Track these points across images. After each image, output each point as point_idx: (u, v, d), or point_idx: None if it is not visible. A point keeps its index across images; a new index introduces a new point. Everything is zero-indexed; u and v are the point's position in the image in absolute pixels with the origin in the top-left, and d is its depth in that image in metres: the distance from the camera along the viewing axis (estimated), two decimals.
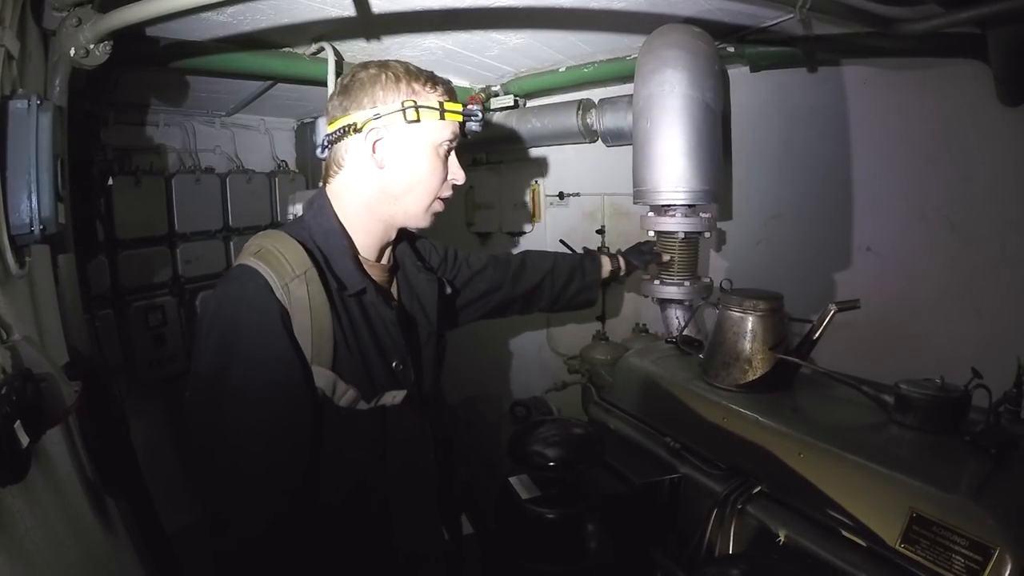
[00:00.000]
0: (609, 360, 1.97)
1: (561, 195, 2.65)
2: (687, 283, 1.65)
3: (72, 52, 1.27)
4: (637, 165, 1.63)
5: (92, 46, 1.29)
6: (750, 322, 1.27)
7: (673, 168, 1.55)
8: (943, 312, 1.70)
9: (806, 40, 1.74)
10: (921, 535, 0.95)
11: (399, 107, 0.99)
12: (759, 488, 1.13)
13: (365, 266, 1.05)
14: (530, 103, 2.54)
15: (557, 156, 2.67)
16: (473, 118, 1.05)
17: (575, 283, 1.56)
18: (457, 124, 1.04)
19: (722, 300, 1.34)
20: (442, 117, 1.01)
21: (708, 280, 1.66)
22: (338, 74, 1.82)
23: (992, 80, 1.49)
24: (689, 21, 1.66)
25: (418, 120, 0.99)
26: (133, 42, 1.55)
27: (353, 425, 0.97)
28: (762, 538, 1.08)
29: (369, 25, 1.71)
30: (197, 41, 1.69)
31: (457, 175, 1.08)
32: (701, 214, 1.60)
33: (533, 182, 2.74)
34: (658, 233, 1.63)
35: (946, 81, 1.63)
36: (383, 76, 1.00)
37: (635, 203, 1.68)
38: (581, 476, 1.21)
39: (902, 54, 1.65)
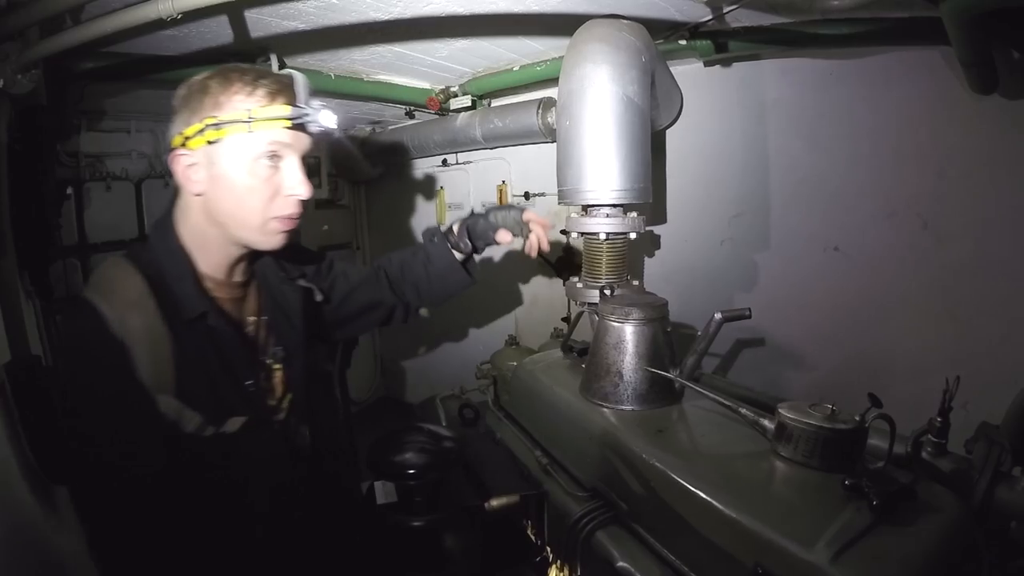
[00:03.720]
0: (513, 367, 1.89)
1: (527, 195, 2.56)
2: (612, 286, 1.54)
3: (1, 83, 1.32)
4: (560, 164, 1.55)
5: (19, 76, 1.33)
6: (624, 332, 1.18)
7: (593, 167, 1.46)
8: (915, 314, 1.61)
9: (755, 31, 1.63)
10: None
11: (201, 127, 0.91)
12: (611, 514, 1.05)
13: (213, 284, 1.02)
14: (494, 103, 2.47)
15: (524, 155, 2.60)
16: (303, 118, 0.93)
17: (432, 274, 1.43)
18: (283, 130, 0.93)
19: (600, 307, 1.25)
20: (250, 128, 0.91)
21: (636, 284, 1.55)
22: None
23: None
24: (629, 18, 1.56)
25: (221, 138, 0.91)
26: (83, 59, 1.62)
27: (201, 449, 0.95)
28: (606, 569, 0.99)
29: (310, 40, 1.71)
30: (152, 56, 1.73)
31: (294, 189, 0.96)
32: (628, 214, 1.49)
33: (501, 182, 2.67)
34: (581, 235, 1.54)
35: (913, 70, 1.52)
36: (191, 92, 0.93)
37: (559, 204, 1.59)
38: (442, 486, 1.17)
39: (860, 42, 1.52)
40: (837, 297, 1.72)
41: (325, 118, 0.95)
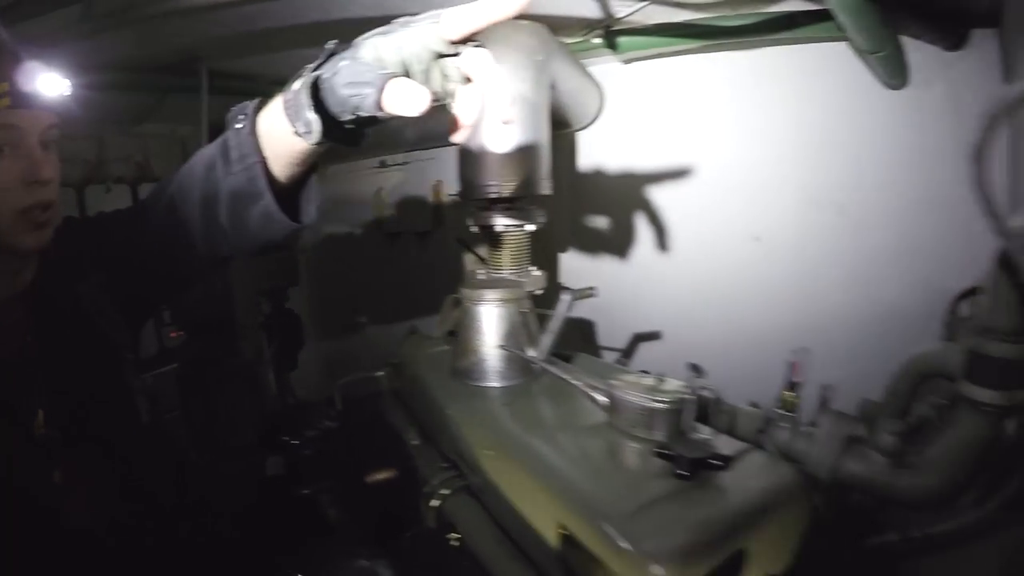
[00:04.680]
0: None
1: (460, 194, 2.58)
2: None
3: None
4: (460, 160, 1.58)
5: None
6: (479, 313, 1.23)
7: (487, 161, 1.48)
8: (838, 302, 1.60)
9: (669, 27, 1.64)
10: (573, 558, 0.82)
11: None
12: (464, 484, 1.07)
13: None
14: None
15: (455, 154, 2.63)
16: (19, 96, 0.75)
17: (226, 208, 0.85)
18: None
19: (461, 292, 1.27)
20: None
21: (539, 274, 1.55)
22: (211, 88, 1.92)
23: None
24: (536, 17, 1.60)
25: None
26: None
27: None
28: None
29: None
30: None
31: (27, 172, 0.77)
32: (524, 207, 1.50)
33: (436, 181, 2.70)
34: (480, 228, 1.56)
35: (833, 62, 1.52)
36: None
37: (458, 199, 1.61)
38: (328, 460, 1.23)
39: (768, 31, 1.51)
40: (758, 285, 1.72)
41: (46, 84, 0.77)
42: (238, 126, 0.79)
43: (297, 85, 0.69)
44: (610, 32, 1.73)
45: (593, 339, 2.11)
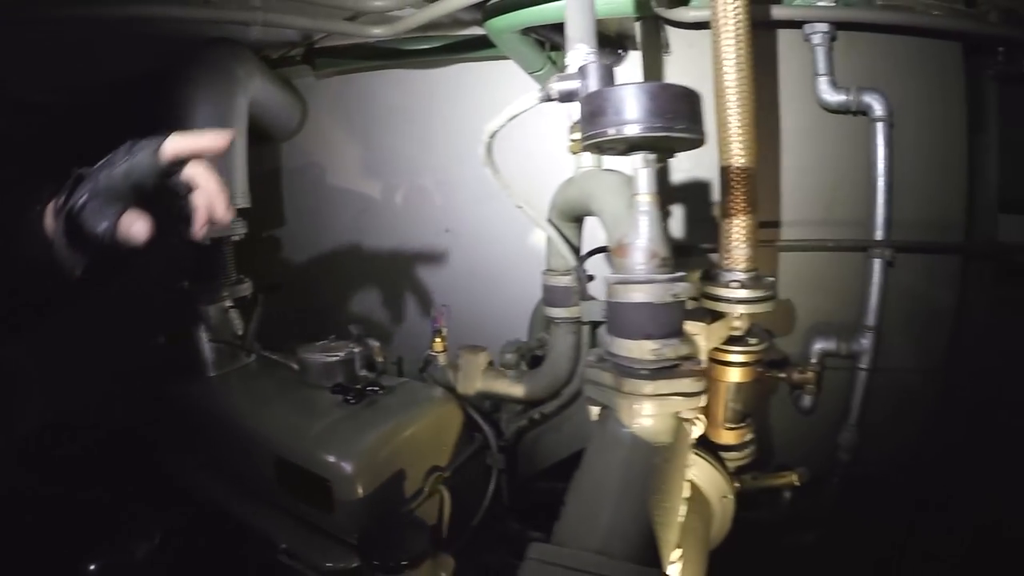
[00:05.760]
0: None
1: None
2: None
3: None
4: None
5: None
6: (198, 312, 1.46)
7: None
8: (519, 283, 1.84)
9: (356, 48, 1.90)
10: (289, 477, 1.10)
11: None
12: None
13: None
14: None
15: None
16: None
17: None
18: None
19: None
20: None
21: (247, 282, 1.69)
22: None
23: None
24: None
25: None
26: None
27: None
28: None
29: None
30: None
31: None
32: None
33: None
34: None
35: (512, 76, 1.78)
36: None
37: None
38: None
39: (446, 52, 1.84)
40: (453, 273, 2.10)
41: None
42: None
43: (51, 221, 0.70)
44: (309, 51, 1.95)
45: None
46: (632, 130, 0.70)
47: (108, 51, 1.51)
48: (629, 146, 0.75)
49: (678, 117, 0.71)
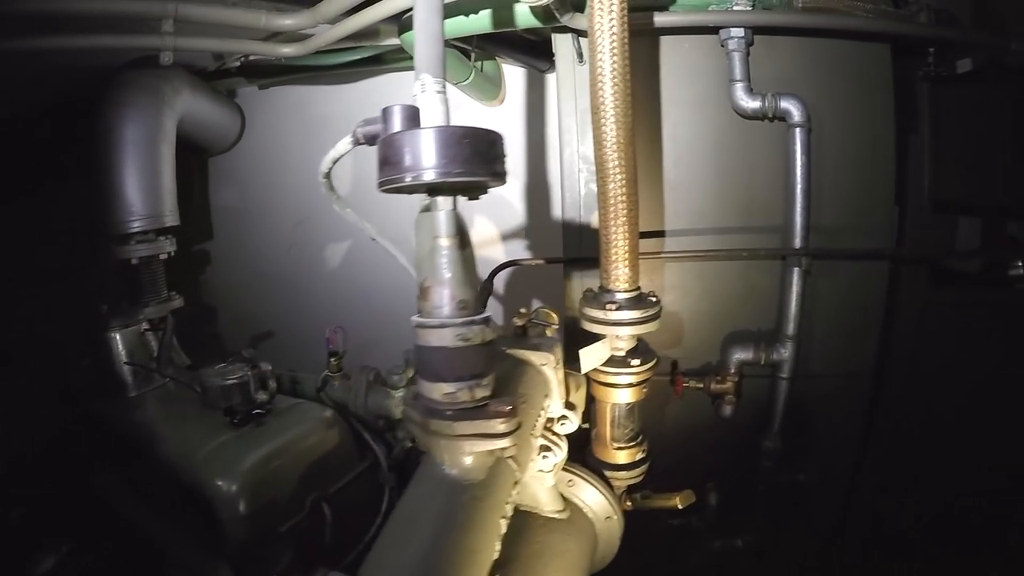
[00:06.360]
0: None
1: None
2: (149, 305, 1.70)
3: None
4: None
5: None
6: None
7: (115, 197, 1.62)
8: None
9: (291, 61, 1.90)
10: (183, 494, 1.18)
11: None
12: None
13: None
14: None
15: None
16: None
17: None
18: None
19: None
20: None
21: (178, 300, 1.71)
22: None
23: None
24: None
25: None
26: None
27: None
28: None
29: None
30: None
31: None
32: (159, 237, 1.67)
33: None
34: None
35: None
36: None
37: None
38: None
39: (365, 65, 1.86)
40: (384, 277, 2.13)
41: None
42: None
43: None
44: (246, 65, 1.96)
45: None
46: (428, 176, 0.71)
47: (13, 84, 1.54)
48: (429, 190, 0.76)
49: (475, 161, 0.72)
